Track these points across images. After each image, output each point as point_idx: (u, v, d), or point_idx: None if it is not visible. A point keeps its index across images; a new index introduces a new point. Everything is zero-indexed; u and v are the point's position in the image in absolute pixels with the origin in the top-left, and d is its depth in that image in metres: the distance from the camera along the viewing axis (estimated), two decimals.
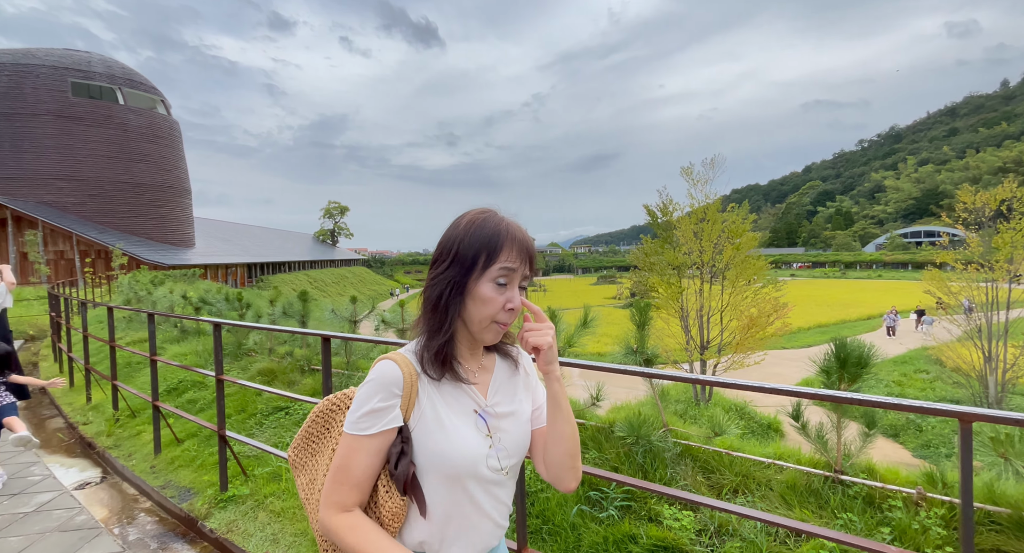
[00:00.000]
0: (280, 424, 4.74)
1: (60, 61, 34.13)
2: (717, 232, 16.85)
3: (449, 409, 0.99)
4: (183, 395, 5.92)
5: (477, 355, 1.08)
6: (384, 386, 0.95)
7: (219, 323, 3.71)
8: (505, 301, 0.96)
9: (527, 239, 1.00)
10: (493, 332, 0.99)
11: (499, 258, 0.95)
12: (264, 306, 6.85)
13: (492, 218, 0.99)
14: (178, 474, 4.32)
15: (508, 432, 1.04)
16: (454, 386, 1.02)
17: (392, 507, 0.97)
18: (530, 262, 1.00)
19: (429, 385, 0.99)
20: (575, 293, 54.39)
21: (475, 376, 1.05)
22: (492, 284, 0.95)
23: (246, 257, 44.02)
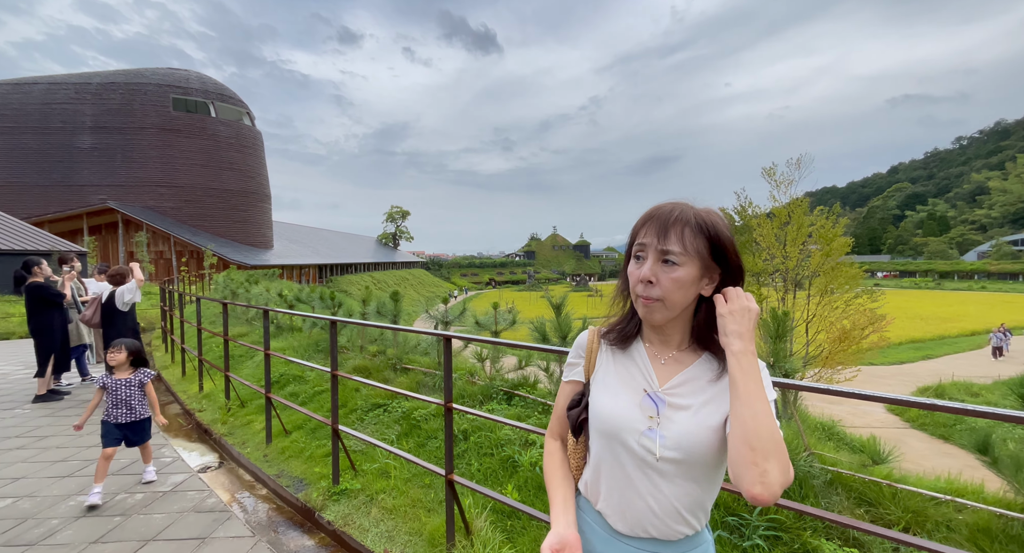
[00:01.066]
0: (380, 421, 4.84)
1: (163, 79, 37.84)
2: (804, 236, 15.74)
3: (617, 377, 1.13)
4: (284, 388, 6.23)
5: (670, 343, 1.12)
6: (576, 346, 1.25)
7: (335, 321, 3.82)
8: (640, 273, 1.03)
9: (671, 214, 1.02)
10: (639, 305, 1.06)
11: (638, 235, 1.06)
12: (355, 305, 7.10)
13: (652, 207, 1.08)
14: (289, 464, 4.51)
15: (677, 423, 1.03)
16: (630, 360, 1.14)
17: (572, 444, 1.21)
18: (668, 235, 1.01)
19: (608, 353, 1.18)
20: None
21: (660, 361, 1.11)
22: (633, 260, 1.07)
23: (317, 258, 46.59)
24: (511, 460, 3.59)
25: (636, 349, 1.15)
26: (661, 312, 1.04)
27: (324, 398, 5.67)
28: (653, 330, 1.12)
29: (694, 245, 1.00)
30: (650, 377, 1.09)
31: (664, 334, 1.11)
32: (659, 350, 1.12)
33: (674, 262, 1.01)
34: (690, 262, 1.01)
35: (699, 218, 1.02)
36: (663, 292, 1.02)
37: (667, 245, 1.01)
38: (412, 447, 4.19)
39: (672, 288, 1.01)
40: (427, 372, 5.55)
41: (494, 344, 2.54)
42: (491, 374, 4.93)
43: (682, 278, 1.01)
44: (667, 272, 1.01)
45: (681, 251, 1.00)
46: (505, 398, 4.58)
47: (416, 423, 4.51)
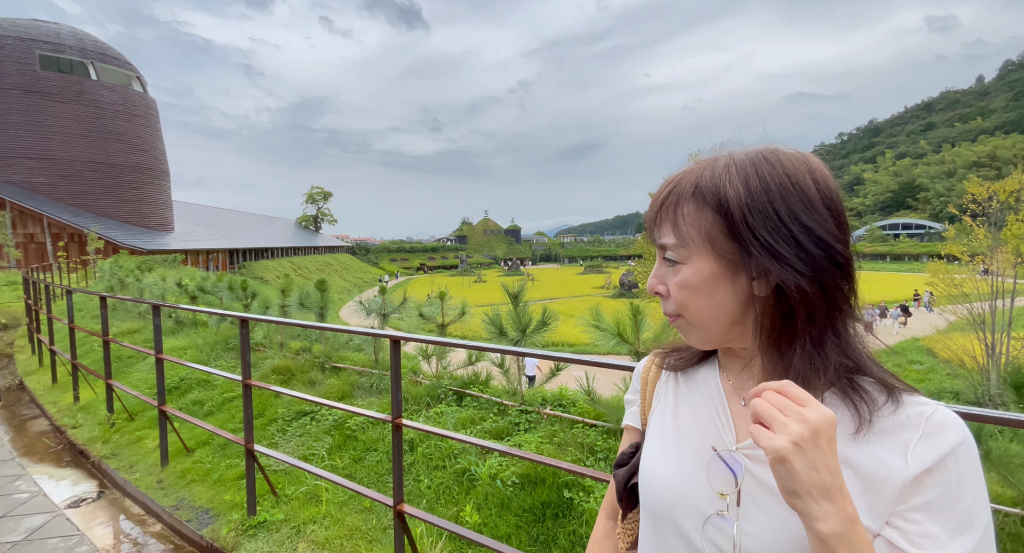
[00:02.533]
0: (307, 432, 4.17)
1: (27, 32, 31.99)
2: None
3: (677, 423, 0.75)
4: (186, 395, 5.29)
5: (753, 370, 0.70)
6: (633, 379, 0.89)
7: (247, 318, 3.11)
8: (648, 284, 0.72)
9: (667, 187, 0.67)
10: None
11: None
12: (273, 295, 6.21)
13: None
14: (192, 491, 3.74)
15: (768, 512, 0.61)
16: (698, 396, 0.75)
17: (618, 518, 0.85)
18: (660, 221, 0.67)
19: (669, 384, 0.80)
20: (563, 282, 54.19)
21: (741, 401, 0.71)
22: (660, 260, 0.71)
23: (227, 242, 42.59)
24: (467, 473, 3.14)
25: (705, 379, 0.76)
26: (692, 333, 0.68)
27: (237, 405, 4.86)
28: (728, 355, 0.74)
29: (695, 227, 0.63)
30: (724, 424, 0.70)
31: (742, 360, 0.72)
32: (740, 382, 0.72)
33: (674, 260, 0.66)
34: (697, 253, 0.63)
35: (702, 181, 0.63)
36: (676, 305, 0.67)
37: (660, 238, 0.67)
38: (348, 463, 3.60)
39: (682, 296, 0.65)
40: (362, 371, 4.92)
41: (457, 347, 2.06)
42: (437, 372, 4.41)
43: (688, 280, 0.64)
44: (671, 276, 0.67)
45: (677, 241, 0.64)
46: (455, 398, 4.09)
47: (351, 433, 3.91)
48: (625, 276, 40.58)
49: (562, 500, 2.70)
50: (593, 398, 3.26)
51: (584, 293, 43.29)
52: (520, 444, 3.22)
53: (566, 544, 2.55)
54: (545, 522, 2.67)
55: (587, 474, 1.91)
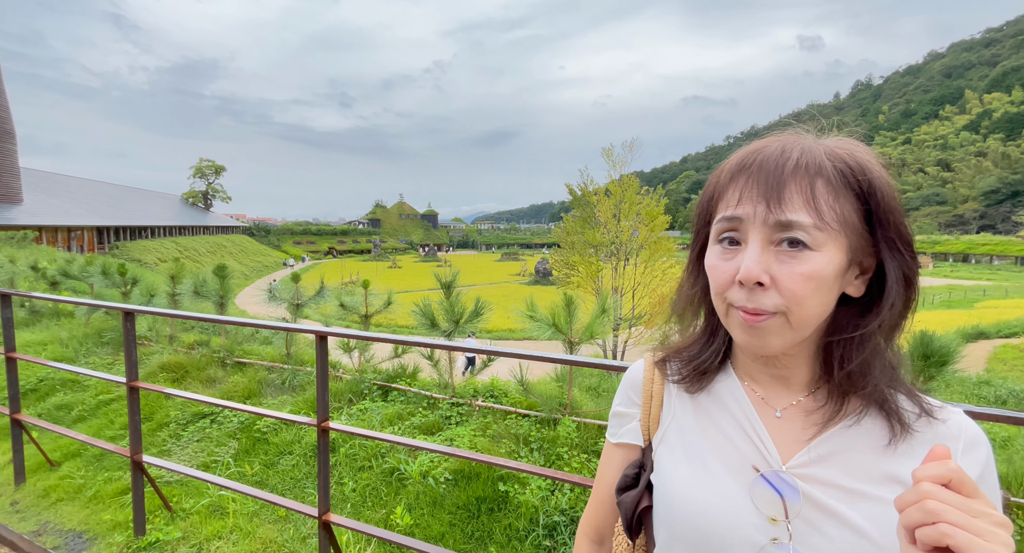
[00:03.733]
0: (207, 436, 3.71)
1: None
2: (634, 213, 17.55)
3: (706, 443, 0.67)
4: (48, 399, 4.47)
5: (791, 383, 0.65)
6: (624, 387, 0.79)
7: (133, 310, 2.66)
8: (733, 269, 0.58)
9: (784, 157, 0.57)
10: (735, 323, 0.60)
11: (720, 204, 0.62)
12: (160, 282, 5.44)
13: (746, 147, 0.63)
14: (59, 512, 3.17)
15: (830, 539, 0.57)
16: (720, 409, 0.69)
17: (620, 548, 0.77)
18: (787, 194, 0.56)
19: (681, 398, 0.73)
20: (480, 269, 54.37)
21: (774, 413, 0.65)
22: (717, 246, 0.62)
23: (95, 219, 36.95)
24: (396, 472, 2.99)
25: (726, 389, 0.70)
26: (781, 335, 0.58)
27: (115, 409, 4.20)
28: (759, 362, 0.67)
29: (837, 209, 0.56)
30: (762, 441, 0.64)
31: (780, 368, 0.65)
32: (770, 393, 0.67)
33: (804, 243, 0.55)
34: (831, 241, 0.56)
35: (838, 158, 0.57)
36: (787, 299, 0.56)
37: (788, 213, 0.55)
38: (259, 469, 3.26)
39: (804, 291, 0.56)
40: (272, 366, 4.48)
41: (400, 344, 1.91)
42: (360, 365, 4.15)
43: (820, 271, 0.56)
44: (791, 263, 0.56)
45: (815, 221, 0.55)
46: (380, 393, 3.87)
47: (261, 436, 3.55)
48: (540, 264, 41.63)
49: (497, 494, 2.66)
50: (526, 387, 3.26)
51: (501, 280, 43.81)
52: (452, 438, 3.13)
53: (502, 538, 2.52)
54: (480, 518, 2.62)
55: (528, 470, 1.87)
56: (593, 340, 3.14)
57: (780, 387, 0.66)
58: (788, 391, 0.66)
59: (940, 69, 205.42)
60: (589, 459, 2.85)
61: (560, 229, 19.82)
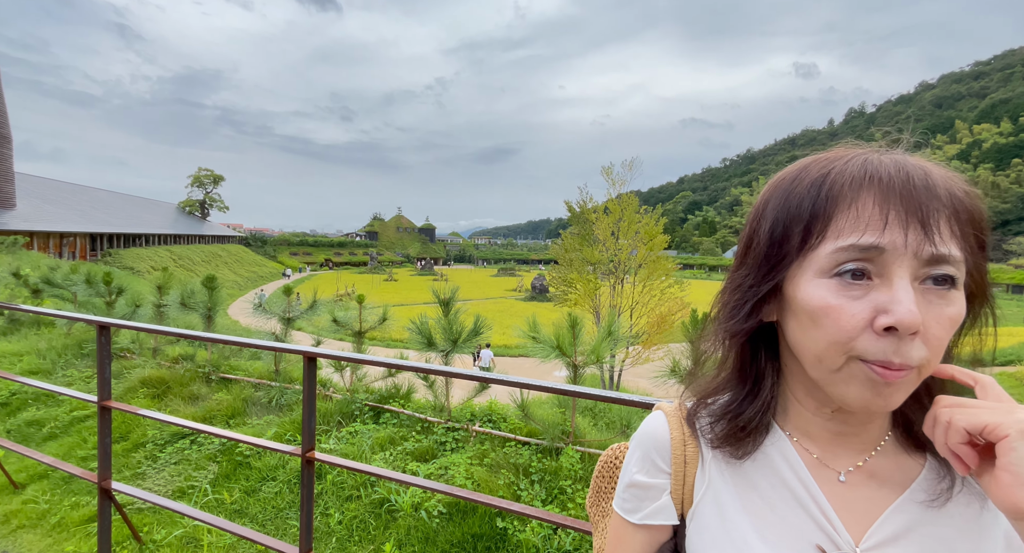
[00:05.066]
0: (185, 458, 3.49)
1: None
2: (633, 232, 17.53)
3: (749, 519, 0.53)
4: (20, 414, 4.22)
5: (861, 440, 0.54)
6: (645, 450, 0.62)
7: (107, 324, 2.47)
8: (872, 309, 0.45)
9: (919, 176, 0.47)
10: (858, 379, 0.47)
11: (837, 224, 0.47)
12: (147, 291, 5.24)
13: (825, 160, 0.51)
14: (19, 540, 2.94)
15: None
16: (769, 474, 0.56)
17: None
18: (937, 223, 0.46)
19: (718, 464, 0.58)
20: (476, 284, 54.13)
21: (837, 477, 0.54)
22: (831, 280, 0.47)
23: (89, 225, 36.67)
24: (386, 504, 2.77)
25: (774, 449, 0.57)
26: (908, 390, 0.47)
27: (90, 426, 3.97)
28: (822, 415, 0.54)
29: (969, 241, 0.48)
30: (824, 514, 0.52)
31: (852, 424, 0.54)
32: (828, 453, 0.55)
33: (954, 281, 0.46)
34: (961, 279, 0.48)
35: (958, 184, 0.49)
36: (931, 349, 0.45)
37: (942, 244, 0.45)
38: (238, 497, 3.04)
39: (946, 338, 0.46)
40: (259, 383, 4.27)
41: (397, 368, 1.73)
42: (351, 384, 3.94)
43: (961, 313, 0.47)
44: (940, 305, 0.45)
45: (964, 256, 0.47)
46: (371, 414, 3.66)
47: (243, 460, 3.33)
48: (537, 280, 41.50)
49: (495, 531, 2.46)
50: (527, 414, 3.07)
51: (497, 295, 43.60)
52: (447, 467, 2.93)
53: None
54: None
55: (529, 514, 1.69)
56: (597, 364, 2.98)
57: (841, 445, 0.54)
58: (851, 450, 0.54)
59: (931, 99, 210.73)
60: None
61: (558, 246, 19.80)
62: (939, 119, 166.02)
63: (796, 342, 0.51)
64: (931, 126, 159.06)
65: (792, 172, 0.53)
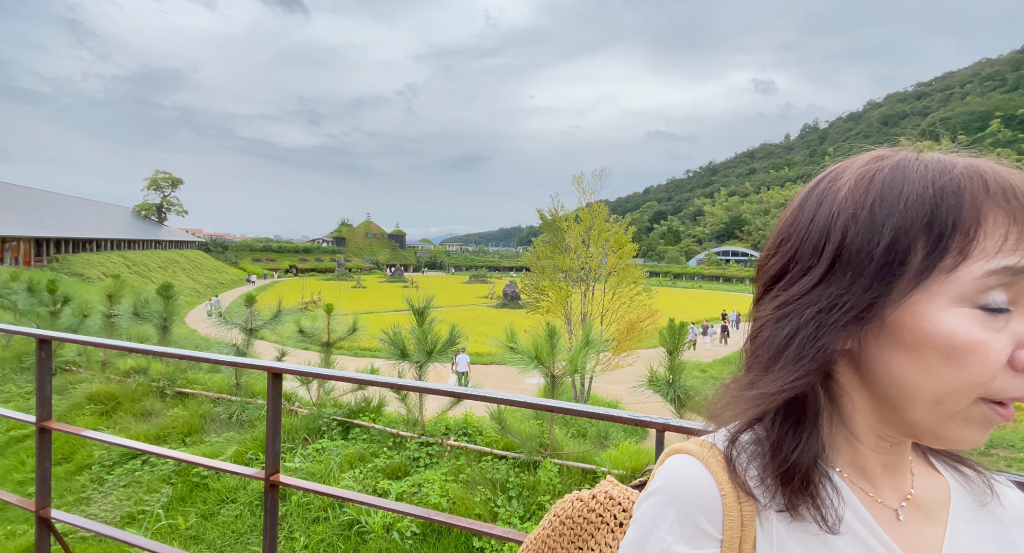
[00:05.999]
0: (135, 480, 3.24)
1: None
2: (603, 240, 17.79)
3: None
4: None
5: (900, 469, 0.50)
6: (684, 512, 0.46)
7: (47, 338, 2.28)
8: (1015, 343, 0.39)
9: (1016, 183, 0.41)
10: (972, 421, 0.42)
11: (976, 241, 0.40)
12: (96, 299, 4.91)
13: (919, 163, 0.44)
14: None
15: None
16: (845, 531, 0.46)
17: None
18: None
19: (780, 524, 0.47)
20: (447, 291, 53.60)
21: (896, 515, 0.48)
22: (973, 311, 0.40)
23: (33, 229, 34.56)
24: (355, 525, 2.65)
25: (830, 495, 0.47)
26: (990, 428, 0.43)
27: (29, 447, 3.66)
28: (879, 449, 0.48)
29: None
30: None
31: (897, 453, 0.49)
32: (880, 488, 0.49)
33: None
34: None
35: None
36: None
37: None
38: (195, 522, 2.84)
39: None
40: (218, 398, 4.04)
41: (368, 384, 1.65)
42: (318, 399, 3.77)
43: None
44: None
45: None
46: (340, 430, 3.51)
47: (200, 480, 3.12)
48: (509, 287, 41.46)
49: (471, 551, 2.37)
50: (503, 426, 3.00)
51: (469, 302, 43.27)
52: (421, 484, 2.82)
53: None
54: None
55: (505, 537, 1.62)
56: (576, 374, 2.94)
57: (889, 477, 0.50)
58: (896, 481, 0.50)
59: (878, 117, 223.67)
60: None
61: (530, 253, 19.91)
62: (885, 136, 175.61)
63: (905, 380, 0.43)
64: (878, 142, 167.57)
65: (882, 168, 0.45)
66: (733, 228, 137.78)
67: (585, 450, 2.98)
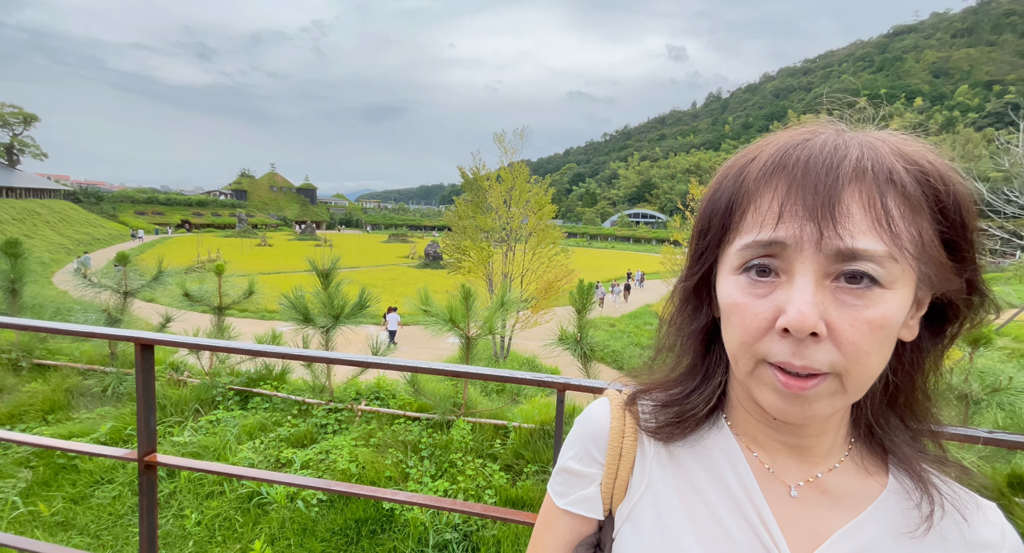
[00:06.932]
0: None
1: None
2: (524, 200, 17.89)
3: (690, 526, 0.50)
4: None
5: (813, 453, 0.51)
6: (581, 436, 0.58)
7: None
8: (775, 309, 0.42)
9: (837, 157, 0.42)
10: (766, 385, 0.44)
11: (747, 218, 0.44)
12: None
13: (766, 143, 0.47)
14: None
15: None
16: (709, 472, 0.52)
17: None
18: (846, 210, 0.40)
19: (659, 459, 0.55)
20: (365, 250, 51.37)
21: (788, 491, 0.50)
22: (740, 277, 0.45)
23: None
24: (255, 497, 2.50)
25: (720, 451, 0.53)
26: (831, 402, 0.43)
27: None
28: (771, 426, 0.50)
29: (914, 231, 0.41)
30: (768, 531, 0.48)
31: (802, 436, 0.50)
32: (780, 464, 0.51)
33: (874, 279, 0.40)
34: (904, 275, 0.41)
35: (911, 161, 0.42)
36: (847, 355, 0.40)
37: (854, 238, 0.39)
38: (61, 507, 2.52)
39: (870, 344, 0.41)
40: (88, 369, 3.55)
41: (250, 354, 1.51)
42: (212, 368, 3.45)
43: (893, 317, 0.41)
44: (857, 306, 0.40)
45: (890, 249, 0.40)
46: (238, 400, 3.25)
47: (68, 461, 2.76)
48: (430, 247, 40.66)
49: (380, 513, 2.35)
50: (417, 389, 2.96)
51: (389, 262, 41.99)
52: (328, 450, 2.72)
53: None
54: (360, 543, 2.29)
55: (412, 502, 1.61)
56: (492, 335, 2.94)
57: (794, 457, 0.51)
58: (804, 463, 0.51)
59: (771, 90, 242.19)
60: (484, 464, 2.67)
61: (452, 213, 19.55)
62: (776, 108, 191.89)
63: (724, 341, 0.48)
64: (770, 114, 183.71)
65: (734, 157, 0.49)
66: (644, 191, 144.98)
67: (498, 407, 3.04)
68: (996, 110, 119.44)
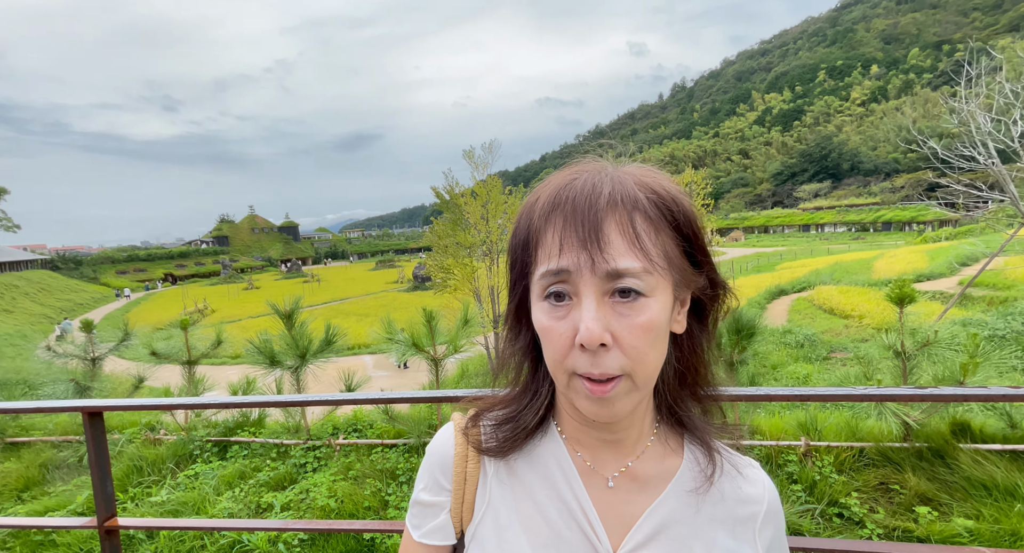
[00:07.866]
0: None
1: None
2: (500, 213, 17.99)
3: (523, 530, 0.55)
4: None
5: (624, 444, 0.57)
6: (430, 467, 0.61)
7: None
8: (572, 328, 0.48)
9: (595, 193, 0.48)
10: (579, 394, 0.50)
11: (540, 252, 0.51)
12: None
13: (547, 184, 0.54)
14: None
15: None
16: (541, 481, 0.57)
17: None
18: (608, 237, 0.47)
19: (499, 476, 0.59)
20: (354, 280, 51.20)
21: (606, 482, 0.56)
22: (544, 303, 0.51)
23: None
24: (236, 545, 2.50)
25: (551, 456, 0.58)
26: (629, 398, 0.50)
27: None
28: (585, 425, 0.56)
29: (660, 246, 0.49)
30: (589, 521, 0.54)
31: (613, 431, 0.56)
32: (599, 459, 0.57)
33: (638, 291, 0.47)
34: (661, 283, 0.49)
35: (648, 188, 0.50)
36: (630, 357, 0.48)
37: (616, 260, 0.46)
38: None
39: (645, 344, 0.48)
40: (63, 441, 3.53)
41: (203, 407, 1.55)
42: (187, 422, 3.44)
43: (657, 319, 0.48)
44: (629, 315, 0.48)
45: (644, 265, 0.47)
46: (217, 450, 3.25)
47: (44, 539, 2.73)
48: (418, 269, 40.65)
49: (362, 545, 2.36)
50: (391, 415, 2.98)
51: (378, 289, 41.87)
52: (308, 490, 2.73)
53: None
54: None
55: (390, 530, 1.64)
56: (457, 354, 2.98)
57: (611, 451, 0.57)
58: (618, 455, 0.57)
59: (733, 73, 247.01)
60: None
61: (432, 233, 19.63)
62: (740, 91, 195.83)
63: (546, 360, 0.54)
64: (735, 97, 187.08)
65: (528, 197, 0.55)
66: None
67: None
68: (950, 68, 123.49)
